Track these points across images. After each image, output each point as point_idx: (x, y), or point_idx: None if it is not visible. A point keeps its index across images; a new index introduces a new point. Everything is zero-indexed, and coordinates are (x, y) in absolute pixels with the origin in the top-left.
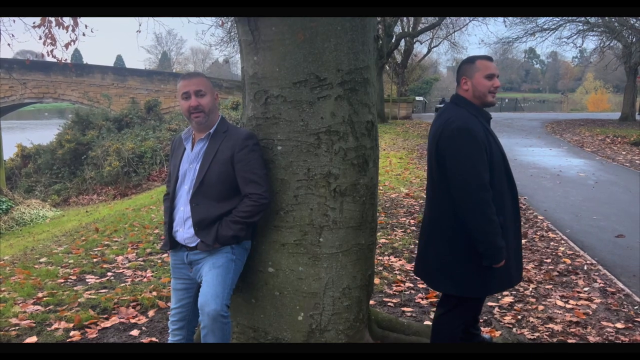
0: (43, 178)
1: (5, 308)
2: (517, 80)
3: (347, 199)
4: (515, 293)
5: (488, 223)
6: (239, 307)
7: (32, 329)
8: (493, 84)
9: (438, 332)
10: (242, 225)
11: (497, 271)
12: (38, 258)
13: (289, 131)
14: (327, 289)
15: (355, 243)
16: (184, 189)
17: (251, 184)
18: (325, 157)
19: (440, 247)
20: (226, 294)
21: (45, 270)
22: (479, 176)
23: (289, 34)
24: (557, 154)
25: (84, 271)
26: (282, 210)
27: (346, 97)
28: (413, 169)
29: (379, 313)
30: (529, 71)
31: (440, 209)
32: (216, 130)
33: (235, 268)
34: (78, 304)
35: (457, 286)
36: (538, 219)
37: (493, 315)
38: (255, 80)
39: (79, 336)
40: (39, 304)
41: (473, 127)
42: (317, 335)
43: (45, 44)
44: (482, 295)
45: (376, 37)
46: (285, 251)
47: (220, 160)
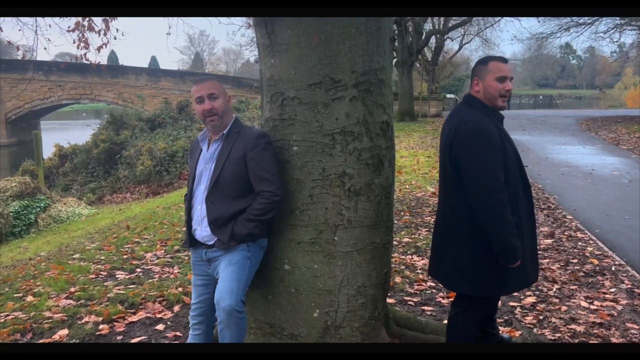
0: (79, 177)
1: (40, 302)
2: (552, 77)
3: (361, 199)
4: (538, 293)
5: (504, 224)
6: (256, 303)
7: (64, 322)
8: (504, 87)
9: (453, 331)
10: (256, 223)
11: (514, 271)
12: (72, 254)
13: (305, 132)
14: (342, 286)
15: (370, 242)
16: (201, 189)
17: (263, 181)
18: (340, 157)
19: (457, 248)
20: (241, 290)
21: (78, 266)
22: (495, 177)
23: (304, 37)
24: (591, 152)
25: (114, 267)
26: (297, 209)
27: (360, 98)
28: None
29: (397, 311)
30: (565, 67)
31: (455, 210)
32: (230, 130)
33: (250, 265)
34: (107, 299)
35: (474, 286)
36: (567, 219)
37: (514, 315)
38: (272, 82)
39: (107, 330)
40: (71, 299)
41: (487, 128)
42: (332, 332)
43: (79, 48)
44: (499, 295)
45: (392, 39)
46: (300, 249)
47: (234, 159)
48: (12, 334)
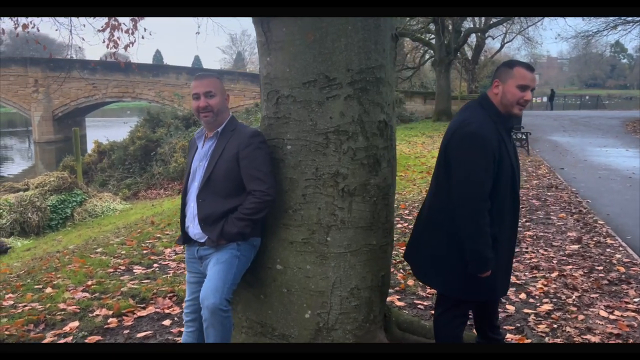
0: (116, 173)
1: (57, 294)
2: (601, 76)
3: (356, 199)
4: (556, 301)
5: (479, 233)
6: (249, 302)
7: (76, 314)
8: (524, 96)
9: (439, 332)
10: (247, 222)
11: (482, 280)
12: (95, 248)
13: (298, 131)
14: (335, 288)
15: (365, 243)
16: (195, 186)
17: (255, 180)
18: (334, 156)
19: (435, 244)
20: (227, 288)
21: (99, 260)
22: (479, 185)
23: (299, 34)
24: (634, 154)
25: (132, 262)
26: (290, 208)
27: (356, 96)
28: None
29: (400, 315)
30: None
31: (440, 207)
32: (224, 128)
33: (239, 264)
34: (121, 293)
35: (449, 287)
36: (598, 224)
37: (527, 323)
38: (268, 80)
39: (115, 323)
40: (87, 291)
41: (485, 134)
42: (324, 334)
43: (109, 47)
44: (469, 299)
45: (394, 36)
46: (293, 249)
47: (227, 157)
48: (26, 324)
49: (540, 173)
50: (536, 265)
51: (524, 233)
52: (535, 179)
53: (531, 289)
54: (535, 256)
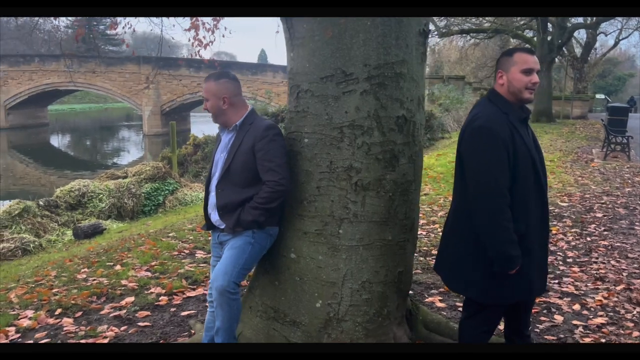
0: (208, 165)
1: (123, 272)
2: None
3: (370, 194)
4: (612, 315)
5: (499, 230)
6: (265, 287)
7: (133, 290)
8: (531, 80)
9: (462, 337)
10: (261, 211)
11: (513, 278)
12: (169, 232)
13: (315, 124)
14: (346, 280)
15: (379, 238)
16: (216, 176)
17: (269, 172)
18: (348, 150)
19: (458, 247)
20: (236, 272)
21: (167, 243)
22: (493, 180)
23: (319, 30)
24: None
25: (196, 247)
26: (305, 200)
27: (372, 91)
28: (560, 173)
29: (428, 314)
30: None
31: (459, 208)
32: (243, 122)
33: (252, 250)
34: (177, 274)
35: (470, 289)
36: None
37: (572, 334)
38: (291, 75)
39: (165, 301)
40: (149, 271)
41: (495, 127)
42: (334, 324)
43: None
44: (495, 302)
45: (422, 32)
46: (306, 239)
47: (244, 150)
48: (90, 296)
49: (637, 180)
50: (602, 276)
51: (598, 242)
52: (630, 186)
53: (589, 300)
54: (604, 267)
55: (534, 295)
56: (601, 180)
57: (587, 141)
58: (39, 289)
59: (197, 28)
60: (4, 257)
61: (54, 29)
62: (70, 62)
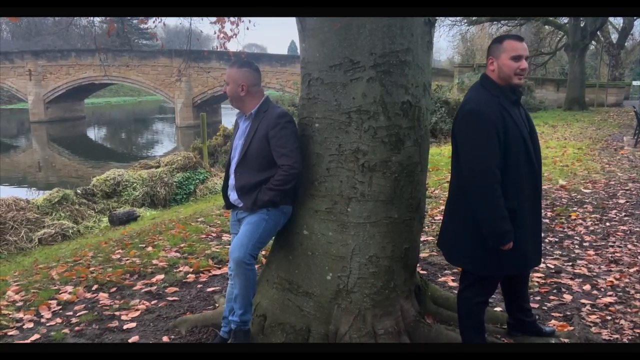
0: None
1: (154, 252)
2: None
3: (376, 174)
4: (621, 294)
5: (491, 207)
6: (280, 261)
7: (163, 269)
8: (519, 66)
9: (460, 308)
10: (276, 192)
11: (510, 253)
12: (198, 217)
13: (325, 110)
14: (354, 254)
15: (385, 216)
16: (235, 161)
17: (282, 157)
18: (355, 134)
19: (457, 223)
20: (251, 245)
21: (196, 227)
22: (484, 160)
23: (328, 22)
24: None
25: (223, 230)
26: (316, 180)
27: (378, 78)
28: (587, 161)
29: (437, 290)
30: None
31: (456, 187)
32: (258, 110)
33: (266, 226)
34: (204, 255)
35: (469, 263)
36: None
37: (579, 312)
38: (303, 64)
39: (192, 278)
40: (178, 252)
41: (484, 110)
42: (343, 295)
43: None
44: (494, 274)
45: (428, 21)
46: (317, 217)
47: (259, 137)
48: (124, 274)
49: None
50: (617, 259)
51: (617, 227)
52: None
53: (600, 281)
54: (620, 251)
55: (530, 268)
56: (629, 168)
57: (620, 129)
58: (77, 267)
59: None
60: (45, 242)
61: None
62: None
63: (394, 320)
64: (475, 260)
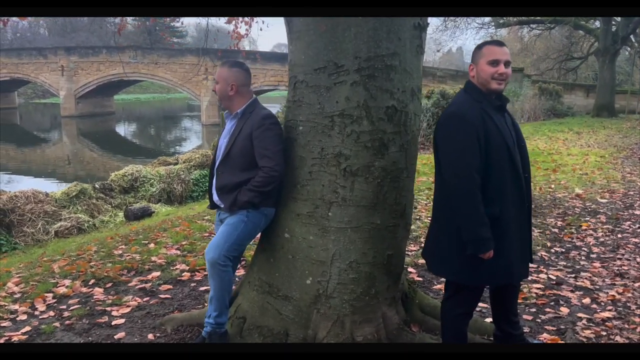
0: None
1: (155, 249)
2: None
3: (358, 179)
4: (621, 310)
5: (470, 212)
6: (262, 264)
7: (160, 266)
8: (497, 71)
9: (442, 318)
10: (255, 193)
11: (491, 262)
12: (204, 215)
13: (309, 113)
14: (334, 259)
15: (367, 221)
16: (218, 160)
17: (264, 158)
18: (338, 138)
19: (438, 231)
20: (227, 246)
21: (200, 225)
22: (465, 164)
23: (313, 24)
24: None
25: None
26: (299, 183)
27: (362, 82)
28: (608, 169)
29: (425, 298)
30: None
31: (438, 194)
32: (244, 111)
33: (244, 228)
34: (203, 253)
35: (450, 272)
36: None
37: (574, 326)
38: (290, 67)
39: (187, 277)
40: (178, 249)
41: (465, 114)
42: (323, 300)
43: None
44: (474, 284)
45: (418, 25)
46: (299, 220)
47: (243, 136)
48: (122, 269)
49: None
50: (623, 273)
51: (628, 239)
52: None
53: (601, 295)
54: (628, 264)
55: (514, 280)
56: None
57: None
58: (79, 261)
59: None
60: (61, 235)
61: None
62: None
63: (374, 328)
64: (455, 269)
